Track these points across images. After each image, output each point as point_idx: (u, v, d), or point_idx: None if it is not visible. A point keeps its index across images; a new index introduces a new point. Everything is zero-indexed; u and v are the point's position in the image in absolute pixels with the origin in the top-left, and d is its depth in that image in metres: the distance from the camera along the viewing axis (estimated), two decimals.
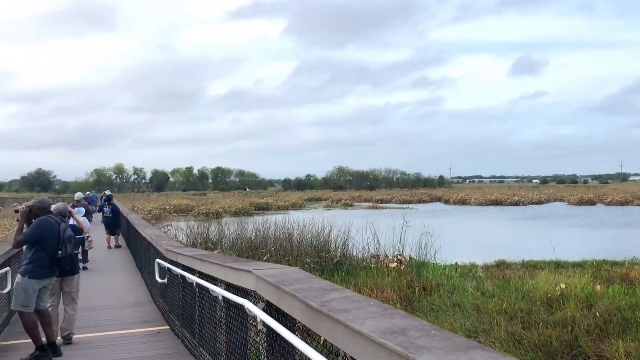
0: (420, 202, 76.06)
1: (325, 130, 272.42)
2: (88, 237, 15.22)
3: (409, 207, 57.76)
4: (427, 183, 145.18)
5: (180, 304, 7.09)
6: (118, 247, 19.37)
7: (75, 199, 16.39)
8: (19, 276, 6.48)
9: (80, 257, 13.12)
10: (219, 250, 16.75)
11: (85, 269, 13.79)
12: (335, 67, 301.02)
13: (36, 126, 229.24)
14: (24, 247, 6.80)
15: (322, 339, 2.83)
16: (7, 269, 8.20)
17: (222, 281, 4.94)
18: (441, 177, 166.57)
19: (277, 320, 3.29)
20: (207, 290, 5.31)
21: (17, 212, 6.85)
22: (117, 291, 11.24)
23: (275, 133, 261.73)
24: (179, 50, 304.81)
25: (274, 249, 16.57)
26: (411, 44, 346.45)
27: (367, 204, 69.98)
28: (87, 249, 14.80)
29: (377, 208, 60.70)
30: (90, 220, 15.57)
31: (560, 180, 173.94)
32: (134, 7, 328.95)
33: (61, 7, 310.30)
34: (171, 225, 27.78)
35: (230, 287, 4.68)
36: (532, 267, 17.32)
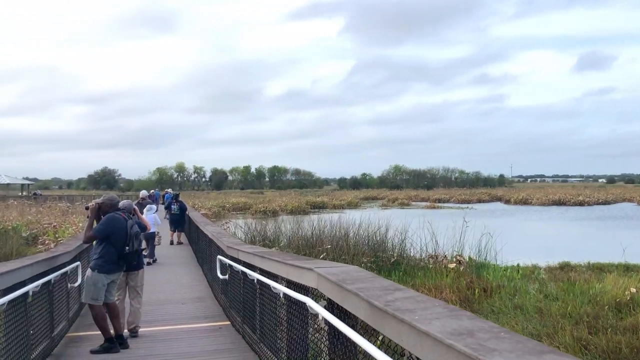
0: (479, 201, 74.50)
1: (381, 129, 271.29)
2: (158, 232, 16.16)
3: (467, 207, 56.61)
4: (487, 182, 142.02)
5: (241, 300, 7.21)
6: (179, 243, 19.92)
7: (140, 196, 16.96)
8: (88, 270, 6.76)
9: (145, 252, 13.81)
10: (277, 247, 16.96)
11: (149, 263, 14.44)
12: (393, 65, 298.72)
13: (102, 126, 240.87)
14: (93, 242, 7.11)
15: (380, 337, 2.82)
16: (77, 263, 8.59)
17: (282, 278, 4.99)
18: (501, 176, 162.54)
19: (339, 318, 3.29)
20: (267, 286, 5.38)
21: (87, 208, 7.15)
22: (179, 286, 11.56)
23: (331, 132, 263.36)
24: (238, 52, 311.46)
25: (329, 247, 16.62)
26: (471, 40, 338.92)
27: (424, 204, 69.14)
28: (156, 244, 15.54)
29: (434, 207, 59.88)
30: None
31: (629, 179, 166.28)
32: (195, 11, 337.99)
33: (127, 13, 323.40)
34: (230, 223, 28.40)
35: (290, 284, 4.73)
36: (599, 269, 16.62)
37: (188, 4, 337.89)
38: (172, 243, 19.65)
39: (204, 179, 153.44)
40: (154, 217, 15.35)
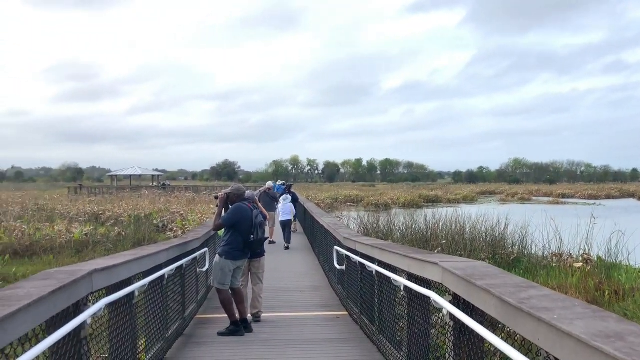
0: (608, 197, 69.10)
1: (501, 120, 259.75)
2: (295, 220, 18.16)
3: (594, 203, 52.79)
4: (617, 177, 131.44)
5: (359, 291, 7.29)
6: (294, 231, 20.64)
7: (266, 186, 17.89)
8: (217, 256, 7.18)
9: (269, 239, 14.67)
10: (390, 240, 16.93)
11: (288, 247, 16.25)
12: (516, 54, 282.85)
13: (226, 121, 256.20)
14: (220, 231, 7.54)
15: (501, 334, 2.73)
16: (205, 249, 9.13)
17: (403, 271, 4.98)
18: (634, 170, 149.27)
19: (466, 313, 3.23)
20: (387, 279, 5.39)
21: (216, 198, 7.60)
22: (297, 275, 11.92)
23: (447, 124, 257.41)
24: (356, 46, 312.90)
25: (444, 242, 16.35)
26: (605, 25, 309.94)
27: (546, 199, 65.52)
28: (293, 231, 17.42)
29: (557, 203, 56.50)
30: (275, 208, 17.09)
31: None
32: (317, 8, 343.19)
33: (254, 13, 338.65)
34: (342, 215, 28.75)
35: (411, 277, 4.70)
36: None
37: (310, 2, 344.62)
38: None
39: (316, 172, 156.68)
40: (290, 206, 16.92)
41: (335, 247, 9.07)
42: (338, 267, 8.86)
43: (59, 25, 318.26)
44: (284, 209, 16.74)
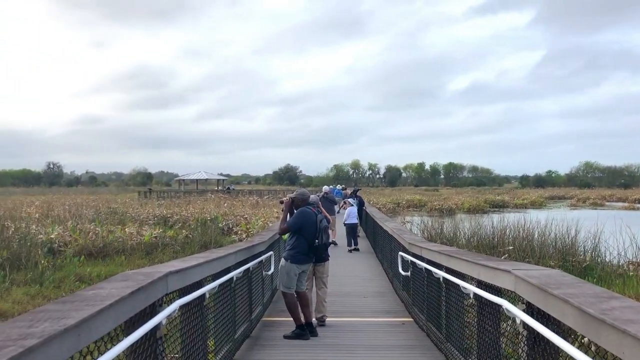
0: None
1: (572, 122, 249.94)
2: (359, 224, 18.30)
3: None
4: None
5: (425, 297, 7.18)
6: (358, 235, 20.63)
7: (323, 191, 18.00)
8: (282, 260, 7.28)
9: (331, 241, 14.82)
10: (455, 246, 16.65)
11: (357, 249, 16.78)
12: (589, 53, 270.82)
13: (289, 126, 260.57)
14: (285, 235, 7.64)
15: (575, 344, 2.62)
16: (271, 252, 9.27)
17: (472, 278, 4.87)
18: None
19: (541, 323, 3.13)
20: (455, 286, 5.29)
21: (281, 202, 7.73)
22: (360, 280, 11.89)
23: (515, 126, 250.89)
24: (422, 49, 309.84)
25: (511, 248, 15.94)
26: None
27: (620, 204, 62.42)
28: (359, 235, 17.84)
29: (633, 209, 53.72)
30: (335, 212, 17.25)
31: None
32: (383, 12, 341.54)
33: (320, 19, 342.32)
34: (406, 220, 28.47)
35: (480, 285, 4.60)
36: None
37: (376, 6, 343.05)
38: None
39: (378, 176, 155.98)
40: (355, 211, 17.10)
41: (400, 253, 8.99)
42: (403, 272, 8.78)
43: (133, 36, 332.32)
44: (351, 212, 16.81)
